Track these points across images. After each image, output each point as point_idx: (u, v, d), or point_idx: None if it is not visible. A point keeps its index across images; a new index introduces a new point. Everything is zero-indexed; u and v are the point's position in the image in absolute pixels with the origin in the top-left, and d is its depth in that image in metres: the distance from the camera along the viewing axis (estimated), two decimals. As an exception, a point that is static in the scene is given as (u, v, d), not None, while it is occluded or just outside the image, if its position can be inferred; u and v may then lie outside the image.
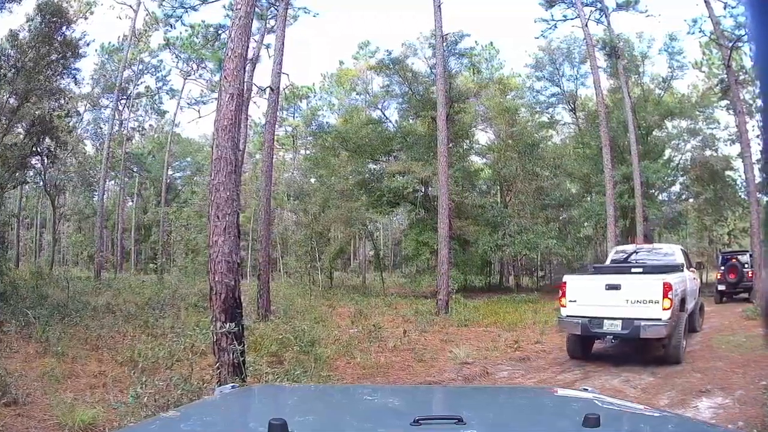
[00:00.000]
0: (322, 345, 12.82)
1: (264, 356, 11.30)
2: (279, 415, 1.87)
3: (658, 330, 10.98)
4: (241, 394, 3.13)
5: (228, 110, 9.09)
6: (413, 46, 36.91)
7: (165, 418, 2.77)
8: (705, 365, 11.70)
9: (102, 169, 39.13)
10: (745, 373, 10.71)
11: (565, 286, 12.36)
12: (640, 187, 28.51)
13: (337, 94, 48.04)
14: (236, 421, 2.51)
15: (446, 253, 22.71)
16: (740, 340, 14.15)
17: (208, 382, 7.88)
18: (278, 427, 1.82)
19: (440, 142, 23.38)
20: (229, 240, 8.80)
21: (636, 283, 11.48)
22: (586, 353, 12.76)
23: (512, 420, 2.49)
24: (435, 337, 16.19)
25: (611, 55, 30.47)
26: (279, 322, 15.96)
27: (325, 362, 11.34)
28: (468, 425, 2.01)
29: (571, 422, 2.18)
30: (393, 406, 2.88)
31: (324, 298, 27.77)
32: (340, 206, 34.35)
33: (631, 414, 2.66)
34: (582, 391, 3.06)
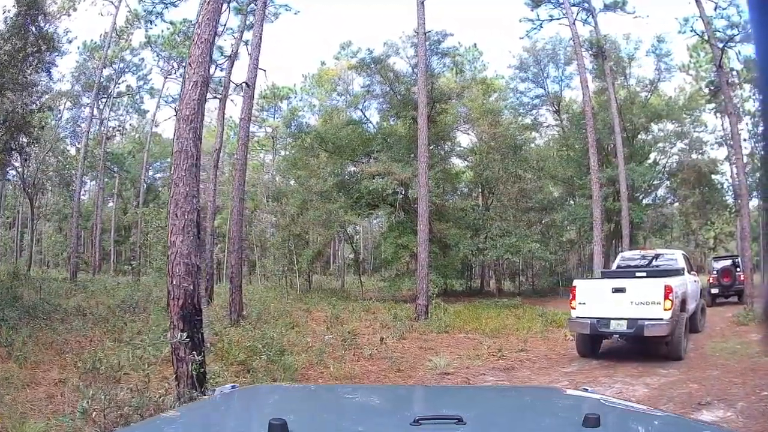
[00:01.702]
0: (294, 353, 12.35)
1: (231, 365, 10.82)
2: (279, 415, 1.86)
3: (660, 329, 11.76)
4: (241, 394, 3.10)
5: (191, 99, 8.53)
6: (395, 46, 36.30)
7: (165, 418, 2.68)
8: (701, 374, 11.13)
9: (79, 168, 38.47)
10: (745, 383, 10.17)
11: (575, 290, 13.20)
12: (626, 190, 27.88)
13: (318, 95, 47.57)
14: (236, 421, 2.49)
15: (425, 256, 22.01)
16: (734, 347, 13.77)
17: (166, 395, 7.29)
18: (278, 427, 1.81)
19: (421, 143, 22.69)
20: (188, 240, 8.13)
21: (640, 286, 12.36)
22: (594, 352, 13.50)
23: (512, 420, 2.47)
24: (414, 344, 15.46)
25: (598, 56, 29.97)
26: (250, 328, 15.27)
27: (295, 372, 10.72)
28: (468, 425, 1.97)
29: (571, 422, 2.17)
30: (393, 406, 2.85)
31: (301, 302, 26.79)
32: (318, 208, 33.51)
33: (631, 414, 2.63)
34: (582, 391, 3.01)
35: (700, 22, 23.65)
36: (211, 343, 12.01)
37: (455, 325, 19.12)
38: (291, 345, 13.47)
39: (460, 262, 35.17)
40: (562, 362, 13.29)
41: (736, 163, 23.32)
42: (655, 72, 38.21)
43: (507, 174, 34.50)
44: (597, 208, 22.69)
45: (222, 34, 31.02)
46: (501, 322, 20.15)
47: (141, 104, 52.04)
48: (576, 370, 12.28)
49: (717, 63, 22.73)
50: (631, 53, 37.98)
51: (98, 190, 51.17)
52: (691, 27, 24.56)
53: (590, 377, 11.30)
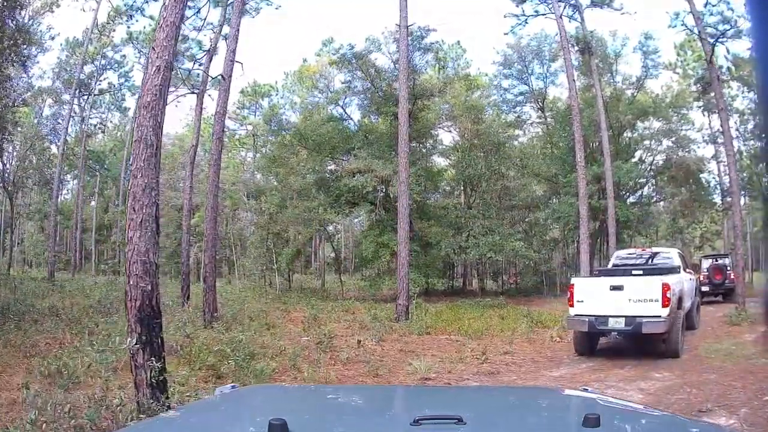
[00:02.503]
0: (267, 356, 11.85)
1: (199, 370, 10.33)
2: (279, 415, 1.87)
3: (657, 326, 11.90)
4: (241, 394, 3.11)
5: (152, 85, 7.91)
6: (377, 41, 35.63)
7: (165, 418, 2.72)
8: (698, 378, 10.62)
9: (58, 166, 37.84)
10: (745, 387, 9.73)
11: (573, 288, 13.26)
12: (612, 188, 27.36)
13: (299, 93, 46.98)
14: (236, 421, 2.42)
15: (406, 255, 21.38)
16: (729, 348, 13.41)
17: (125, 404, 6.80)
18: (278, 427, 1.82)
19: (401, 138, 22.05)
20: (146, 236, 7.50)
21: (637, 284, 12.49)
22: (592, 349, 13.64)
23: (512, 420, 2.46)
24: (393, 347, 14.78)
25: (584, 52, 29.46)
26: (221, 330, 14.44)
27: (265, 378, 10.01)
28: (468, 425, 1.97)
29: (571, 422, 2.27)
30: (393, 406, 2.88)
31: (280, 302, 26.29)
32: (297, 206, 33.11)
33: (631, 414, 2.62)
34: (582, 391, 3.01)
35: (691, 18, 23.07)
36: (181, 345, 11.67)
37: (437, 326, 18.45)
38: (265, 348, 12.89)
39: (442, 261, 34.80)
40: (549, 366, 12.69)
41: (727, 159, 22.68)
42: (642, 69, 37.98)
43: (490, 171, 33.91)
44: (583, 205, 22.04)
45: (202, 28, 30.76)
46: (484, 322, 19.47)
47: (122, 102, 51.60)
48: (565, 374, 11.70)
49: (708, 59, 22.15)
50: (618, 50, 37.75)
51: (79, 188, 50.44)
52: (682, 21, 24.00)
53: (580, 382, 10.65)
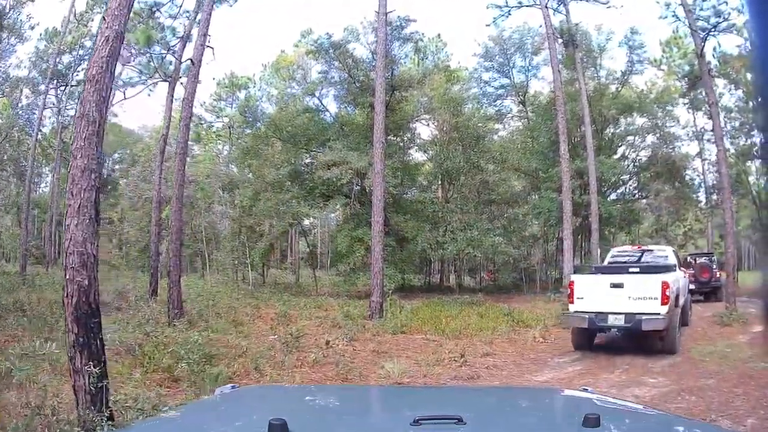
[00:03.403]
0: (229, 357, 11.18)
1: (154, 372, 9.69)
2: (279, 415, 1.87)
3: (657, 323, 12.11)
4: (241, 394, 3.04)
5: (100, 56, 7.30)
6: (355, 31, 35.11)
7: (165, 418, 2.75)
8: (695, 384, 9.96)
9: (30, 157, 37.37)
10: (747, 394, 9.08)
11: (573, 285, 13.42)
12: (596, 183, 26.68)
13: (277, 84, 45.96)
14: (236, 421, 2.37)
15: (380, 249, 20.55)
16: (724, 351, 12.84)
17: (60, 414, 6.16)
18: (278, 427, 1.82)
19: (377, 128, 21.29)
20: (83, 224, 6.79)
21: (637, 282, 12.64)
22: (590, 345, 13.75)
23: (512, 420, 2.45)
24: (365, 347, 13.88)
25: (568, 45, 28.72)
26: (183, 328, 13.40)
27: (224, 382, 8.65)
28: (468, 425, 1.97)
29: (571, 422, 2.16)
30: (393, 406, 2.81)
31: (252, 297, 25.69)
32: (271, 199, 32.21)
33: (631, 414, 2.61)
34: (582, 391, 2.97)
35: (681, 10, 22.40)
36: (139, 345, 10.99)
37: (412, 325, 17.55)
38: (228, 347, 12.09)
39: (419, 257, 34.26)
40: (533, 369, 11.88)
41: (717, 155, 22.04)
42: (627, 64, 37.38)
43: (468, 165, 33.36)
44: (567, 200, 21.22)
45: (177, 16, 29.69)
46: (462, 321, 18.57)
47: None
48: (551, 378, 10.92)
49: (699, 52, 21.52)
50: (603, 44, 37.14)
51: (55, 180, 49.03)
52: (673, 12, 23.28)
53: (569, 388, 9.68)
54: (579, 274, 15.80)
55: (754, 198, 34.49)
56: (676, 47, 37.70)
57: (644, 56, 36.91)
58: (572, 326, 13.69)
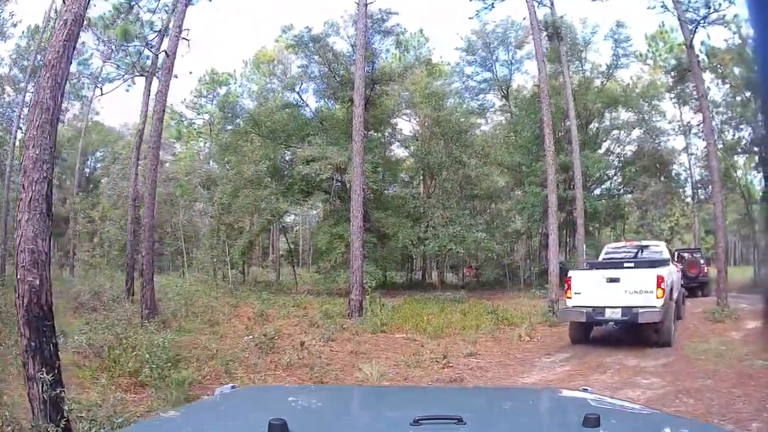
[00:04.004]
0: (199, 359, 10.64)
1: (120, 377, 9.10)
2: (279, 415, 1.87)
3: (652, 315, 12.43)
4: (241, 394, 3.03)
5: (57, 40, 7.15)
6: (336, 25, 34.73)
7: (165, 419, 2.75)
8: (692, 385, 9.42)
9: (9, 155, 36.17)
10: (747, 395, 8.59)
11: (571, 280, 13.74)
12: (581, 177, 26.20)
13: (257, 80, 45.79)
14: (236, 421, 2.36)
15: (360, 246, 20.01)
16: (718, 348, 12.52)
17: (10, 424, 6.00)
18: (278, 427, 1.83)
19: (356, 121, 20.77)
20: (34, 219, 6.49)
21: (633, 276, 13.02)
22: (586, 338, 14.16)
23: (512, 420, 2.45)
24: (343, 348, 13.33)
25: (553, 37, 28.14)
26: (154, 329, 12.63)
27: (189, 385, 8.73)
28: (468, 425, 1.97)
29: (571, 422, 2.22)
30: (393, 406, 2.77)
31: (231, 296, 25.31)
32: (249, 195, 32.01)
33: (630, 414, 2.63)
34: (582, 391, 2.92)
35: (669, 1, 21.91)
36: (109, 347, 10.47)
37: (393, 324, 17.02)
38: (201, 349, 11.49)
39: (400, 253, 33.89)
40: (520, 370, 11.34)
41: (708, 147, 21.59)
42: (612, 57, 36.95)
43: (450, 159, 33.16)
44: (552, 193, 20.56)
45: (156, 10, 29.07)
46: (445, 319, 18.12)
47: (81, 90, 49.39)
48: (539, 380, 10.37)
49: (688, 44, 21.11)
50: (588, 38, 36.62)
51: None
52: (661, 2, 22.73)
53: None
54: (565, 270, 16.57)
55: (743, 192, 34.27)
56: (662, 42, 37.50)
57: (630, 50, 36.65)
58: (570, 320, 13.99)
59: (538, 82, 23.94)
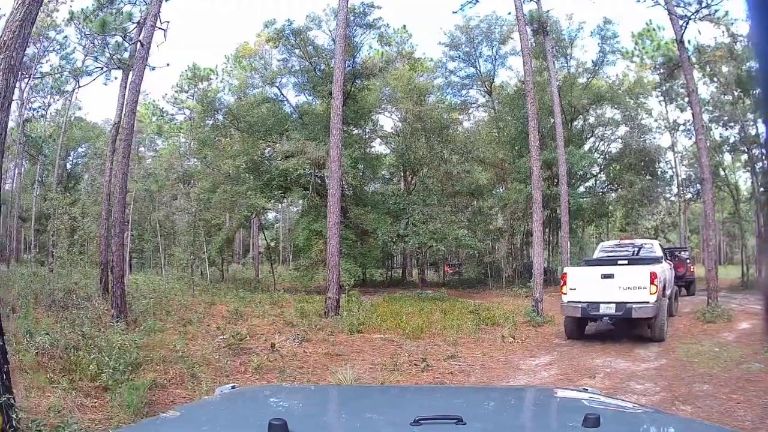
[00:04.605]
0: (164, 362, 9.86)
1: (80, 381, 8.34)
2: (279, 415, 1.87)
3: (646, 311, 12.83)
4: (241, 394, 3.11)
5: (13, 20, 6.76)
6: (317, 18, 34.22)
7: (165, 419, 2.66)
8: (688, 390, 8.90)
9: None
10: (749, 401, 8.10)
11: (566, 277, 14.28)
12: (566, 174, 25.76)
13: (239, 75, 45.22)
14: (236, 421, 2.38)
15: (337, 242, 19.25)
16: (712, 350, 12.01)
17: None
18: (278, 427, 1.83)
19: (334, 113, 19.97)
20: None
21: (627, 273, 13.39)
22: (581, 334, 14.44)
23: (512, 420, 2.49)
24: (318, 349, 12.56)
25: (538, 32, 27.63)
26: (120, 329, 11.81)
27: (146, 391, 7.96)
28: (468, 425, 1.96)
29: (571, 422, 2.18)
30: (393, 406, 2.78)
31: (208, 294, 24.75)
32: (227, 191, 31.31)
33: (630, 414, 2.63)
34: (582, 391, 3.01)
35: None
36: (75, 348, 9.72)
37: (371, 323, 16.28)
38: (170, 351, 10.74)
39: (381, 250, 33.50)
40: (503, 374, 10.72)
41: (698, 144, 21.15)
42: (599, 54, 36.70)
43: (431, 155, 33.04)
44: (537, 189, 19.80)
45: (137, 2, 28.31)
46: (425, 318, 17.52)
47: (65, 85, 48.87)
48: (525, 384, 9.70)
49: (678, 39, 20.64)
50: (573, 34, 36.43)
51: (16, 176, 48.65)
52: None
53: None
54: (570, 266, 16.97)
55: (731, 191, 34.00)
56: (650, 40, 37.19)
57: (617, 47, 36.41)
58: (565, 315, 14.34)
59: (523, 76, 23.46)
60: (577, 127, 36.87)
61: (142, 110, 50.83)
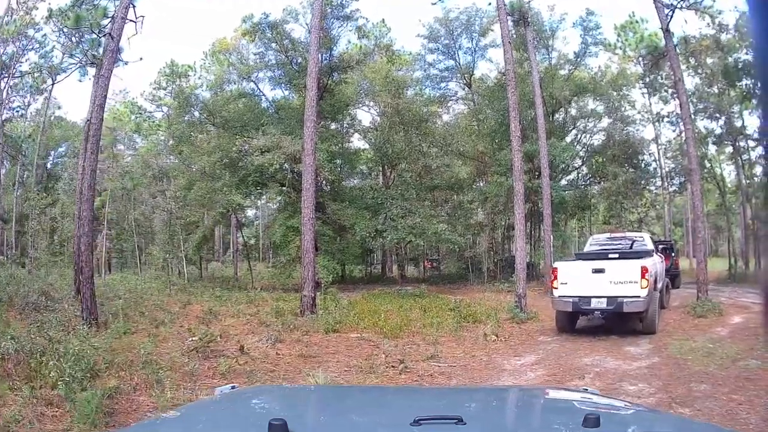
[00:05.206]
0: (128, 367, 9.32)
1: (41, 389, 7.77)
2: (279, 415, 1.87)
3: (637, 305, 12.87)
4: (241, 394, 3.11)
5: None
6: (294, 12, 33.76)
7: (165, 419, 2.75)
8: (685, 392, 8.30)
9: None
10: (750, 401, 7.58)
11: (557, 271, 14.22)
12: (548, 166, 25.31)
13: (216, 71, 44.97)
14: (236, 421, 2.38)
15: (311, 238, 18.56)
16: (706, 347, 11.38)
17: None
18: (278, 427, 1.83)
19: (308, 104, 19.45)
20: None
21: (618, 267, 13.42)
22: (572, 328, 14.55)
23: (512, 420, 2.54)
24: (292, 350, 11.95)
25: (519, 22, 27.17)
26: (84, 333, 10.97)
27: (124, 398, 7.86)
28: (468, 425, 1.96)
29: (571, 422, 2.16)
30: (393, 406, 2.80)
31: (185, 293, 24.33)
32: (202, 187, 31.06)
33: (630, 414, 2.63)
34: (582, 391, 3.00)
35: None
36: (41, 352, 9.22)
37: (348, 322, 15.66)
38: (137, 354, 10.11)
39: (360, 246, 33.04)
40: (486, 375, 10.11)
41: (685, 134, 20.81)
42: (581, 45, 36.23)
43: (410, 148, 32.77)
44: (519, 181, 19.15)
45: None
46: (404, 316, 16.96)
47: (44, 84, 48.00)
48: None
49: (665, 27, 20.19)
50: (555, 25, 36.00)
51: None
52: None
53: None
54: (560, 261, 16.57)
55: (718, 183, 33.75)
56: (632, 32, 37.03)
57: (599, 38, 36.07)
58: (557, 310, 14.38)
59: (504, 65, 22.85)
60: (558, 120, 36.47)
61: (122, 108, 50.32)
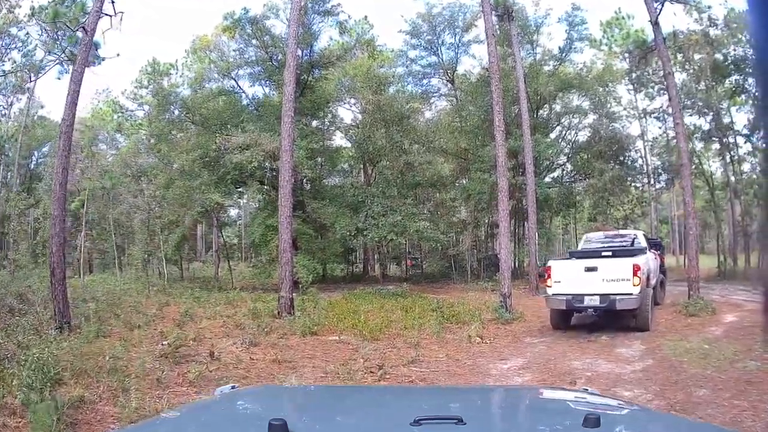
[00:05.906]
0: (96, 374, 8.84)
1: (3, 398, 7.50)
2: (279, 415, 1.87)
3: (630, 302, 13.03)
4: (241, 394, 3.11)
5: None
6: (275, 7, 33.38)
7: (165, 419, 2.72)
8: (685, 397, 7.85)
9: None
10: (753, 407, 7.19)
11: (551, 269, 14.31)
12: (532, 163, 24.91)
13: (197, 69, 44.32)
14: (236, 421, 2.40)
15: (288, 237, 18.02)
16: (701, 347, 10.99)
17: None
18: (278, 427, 1.82)
19: (286, 99, 18.77)
20: None
21: (610, 265, 13.59)
22: (566, 325, 14.69)
23: (512, 420, 2.54)
24: (266, 354, 11.40)
25: (503, 17, 26.79)
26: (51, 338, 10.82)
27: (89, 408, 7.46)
28: (468, 425, 1.95)
29: (571, 422, 2.19)
30: (393, 406, 2.80)
31: (164, 294, 23.80)
32: (180, 186, 30.55)
33: (630, 414, 2.60)
34: (582, 391, 2.98)
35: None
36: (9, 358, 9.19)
37: (326, 324, 15.15)
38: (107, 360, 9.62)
39: (340, 245, 32.58)
40: (471, 381, 9.63)
41: (675, 128, 20.29)
42: (566, 41, 35.74)
43: (391, 145, 32.21)
44: (503, 177, 18.60)
45: None
46: (384, 317, 16.40)
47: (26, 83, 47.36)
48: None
49: (654, 20, 19.83)
50: (540, 21, 35.48)
51: None
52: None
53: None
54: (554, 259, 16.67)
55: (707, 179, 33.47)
56: (618, 28, 36.92)
57: (585, 33, 35.70)
58: (551, 308, 14.54)
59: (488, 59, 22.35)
60: (543, 116, 36.21)
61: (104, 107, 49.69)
